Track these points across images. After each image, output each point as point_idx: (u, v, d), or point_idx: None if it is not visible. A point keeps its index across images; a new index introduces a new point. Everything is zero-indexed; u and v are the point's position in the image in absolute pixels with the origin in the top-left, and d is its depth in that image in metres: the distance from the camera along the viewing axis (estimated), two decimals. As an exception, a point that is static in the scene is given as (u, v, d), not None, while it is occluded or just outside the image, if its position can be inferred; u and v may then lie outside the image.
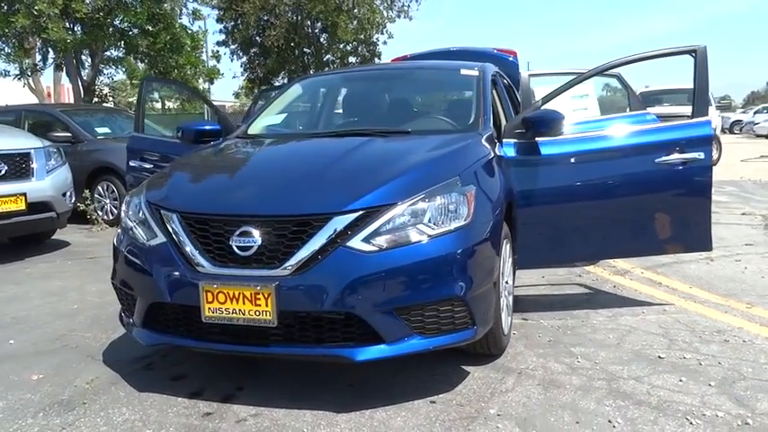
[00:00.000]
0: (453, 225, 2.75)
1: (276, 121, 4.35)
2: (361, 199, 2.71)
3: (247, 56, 25.39)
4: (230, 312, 2.68)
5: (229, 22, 24.51)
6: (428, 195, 2.76)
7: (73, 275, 5.54)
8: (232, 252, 2.72)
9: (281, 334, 2.70)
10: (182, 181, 3.20)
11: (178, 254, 2.80)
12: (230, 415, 2.76)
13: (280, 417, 2.72)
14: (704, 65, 3.86)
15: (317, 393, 2.93)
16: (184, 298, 2.79)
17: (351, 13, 22.12)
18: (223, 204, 2.85)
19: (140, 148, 4.96)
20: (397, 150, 3.31)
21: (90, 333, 3.92)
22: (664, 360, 3.23)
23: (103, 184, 8.44)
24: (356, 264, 2.62)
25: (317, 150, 3.46)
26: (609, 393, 2.87)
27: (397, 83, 4.41)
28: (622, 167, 3.79)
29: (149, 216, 3.00)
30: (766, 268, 5.04)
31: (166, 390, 3.02)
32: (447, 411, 2.73)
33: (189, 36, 16.68)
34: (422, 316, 2.70)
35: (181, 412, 2.80)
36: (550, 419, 2.64)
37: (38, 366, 3.38)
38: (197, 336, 2.83)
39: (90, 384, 3.12)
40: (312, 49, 23.45)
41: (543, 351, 3.40)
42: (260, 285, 2.63)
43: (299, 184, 2.91)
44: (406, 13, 23.07)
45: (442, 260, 2.70)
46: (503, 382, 3.02)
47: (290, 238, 2.67)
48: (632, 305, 4.18)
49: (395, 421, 2.66)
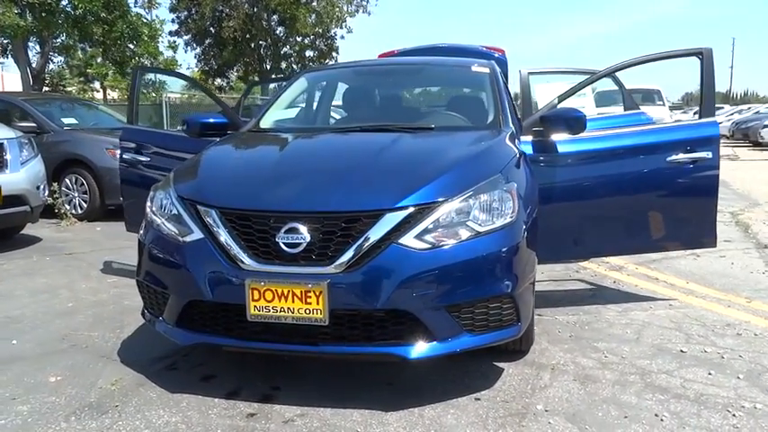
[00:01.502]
0: (500, 222, 2.75)
1: (289, 115, 4.27)
2: (411, 196, 2.68)
3: (201, 47, 24.89)
4: (278, 311, 2.61)
5: (183, 11, 23.97)
6: (475, 192, 2.76)
7: (57, 272, 5.30)
8: (278, 249, 2.65)
9: (329, 332, 2.65)
10: (215, 175, 3.09)
11: (219, 251, 2.71)
12: (275, 415, 2.69)
13: (327, 416, 2.68)
14: (710, 67, 3.98)
15: (356, 392, 2.89)
16: (227, 296, 2.71)
17: (309, 6, 21.94)
18: (268, 200, 2.77)
19: (134, 140, 4.78)
20: (433, 147, 3.30)
21: (96, 332, 3.76)
22: (687, 354, 3.33)
23: (72, 176, 8.10)
24: (409, 261, 2.59)
25: (349, 146, 3.40)
26: (645, 387, 2.93)
27: (410, 78, 4.38)
28: (637, 165, 3.87)
29: (183, 211, 2.89)
30: (752, 263, 5.26)
31: (199, 390, 2.93)
32: (495, 408, 2.74)
33: (146, 25, 16.19)
34: (472, 313, 2.69)
35: (222, 413, 2.72)
36: (598, 414, 2.68)
37: (51, 368, 3.23)
38: (239, 335, 2.75)
39: (115, 386, 3.00)
40: (269, 41, 23.13)
41: (568, 347, 3.45)
42: (311, 283, 2.57)
43: (344, 180, 2.86)
44: (365, 7, 23.05)
45: (493, 257, 2.70)
46: (539, 377, 3.05)
47: (339, 235, 2.62)
48: (638, 300, 4.29)
49: (446, 419, 2.65)
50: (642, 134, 4.02)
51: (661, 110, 15.78)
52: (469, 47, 6.50)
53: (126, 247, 6.31)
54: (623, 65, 4.16)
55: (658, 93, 17.03)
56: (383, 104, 4.19)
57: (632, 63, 4.13)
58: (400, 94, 4.26)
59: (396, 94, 4.26)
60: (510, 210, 2.79)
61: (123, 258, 5.81)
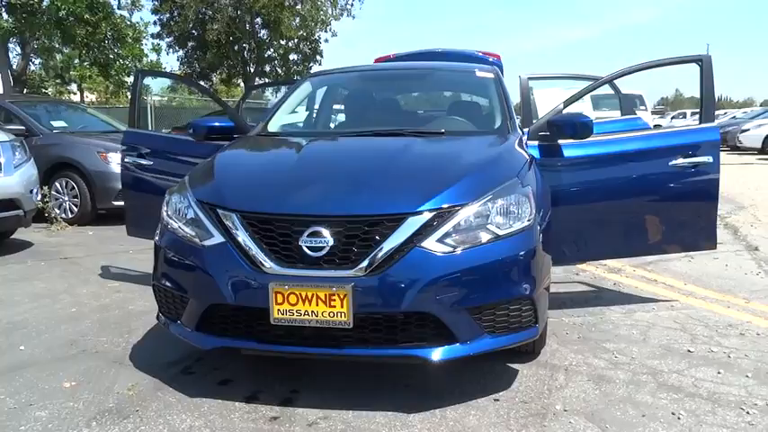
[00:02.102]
0: (518, 225, 2.79)
1: (296, 119, 4.28)
2: (432, 200, 2.71)
3: (184, 50, 24.72)
4: (302, 314, 2.63)
5: (165, 14, 23.80)
6: (494, 196, 2.80)
7: (54, 277, 5.25)
8: (300, 252, 2.66)
9: (352, 335, 2.67)
10: (234, 179, 3.09)
11: (241, 254, 2.72)
12: (298, 418, 2.71)
13: (350, 419, 2.69)
14: (710, 73, 4.06)
15: (376, 395, 2.91)
16: (250, 299, 2.71)
17: (294, 9, 21.91)
18: (290, 204, 2.78)
19: (136, 143, 4.76)
20: (448, 151, 3.34)
21: (104, 337, 3.74)
22: (694, 354, 3.40)
23: (62, 180, 8.01)
24: (432, 264, 2.62)
25: (364, 150, 3.42)
26: (659, 387, 2.99)
27: (416, 83, 4.42)
28: (640, 169, 3.94)
29: (203, 215, 2.90)
30: (745, 265, 5.37)
31: (218, 395, 2.93)
32: (515, 409, 2.77)
33: (130, 27, 16.06)
34: (493, 315, 2.73)
35: (245, 417, 2.72)
36: (616, 413, 2.73)
37: (64, 373, 3.20)
38: (261, 338, 2.75)
39: (132, 391, 2.99)
40: (253, 44, 23.05)
41: (578, 347, 3.50)
42: (335, 286, 2.59)
43: (365, 183, 2.88)
44: (349, 11, 23.09)
45: (513, 260, 2.74)
46: (553, 378, 3.10)
47: (362, 238, 2.65)
48: (640, 302, 4.36)
49: (468, 420, 2.68)
50: (645, 139, 4.10)
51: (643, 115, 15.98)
52: (465, 52, 6.55)
53: (121, 252, 6.28)
54: (626, 71, 4.23)
55: (640, 98, 17.26)
56: (391, 109, 4.22)
57: (634, 69, 4.20)
58: (407, 98, 4.29)
59: (403, 99, 4.29)
60: (527, 213, 2.84)
61: (120, 263, 5.77)
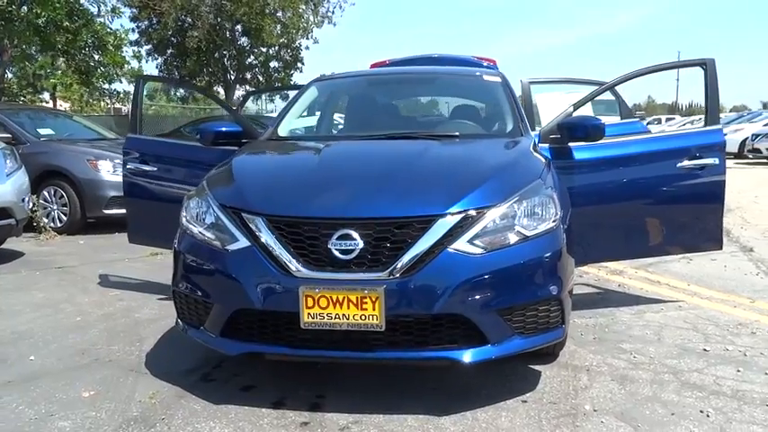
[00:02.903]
0: (544, 226, 2.80)
1: (307, 123, 4.26)
2: (461, 201, 2.71)
3: (163, 57, 24.49)
4: (333, 318, 2.60)
5: (144, 21, 23.56)
6: (521, 197, 2.81)
7: (52, 287, 5.14)
8: (330, 255, 2.64)
9: (383, 338, 2.65)
10: (257, 183, 3.06)
11: (268, 258, 2.69)
12: (329, 423, 2.68)
13: (382, 423, 2.67)
14: (714, 76, 4.13)
15: (404, 398, 2.90)
16: (279, 304, 2.68)
17: (275, 16, 21.85)
18: (317, 207, 2.76)
19: (139, 149, 4.69)
20: (467, 154, 3.34)
21: (115, 346, 3.67)
22: (710, 353, 3.44)
23: (50, 189, 7.86)
24: (463, 266, 2.62)
25: (383, 153, 3.40)
26: (682, 386, 3.02)
27: (424, 87, 4.42)
28: (649, 171, 3.99)
29: (226, 219, 2.86)
30: (743, 266, 5.46)
31: (243, 401, 2.89)
32: (544, 410, 2.78)
33: (111, 34, 15.87)
34: (523, 316, 2.73)
35: (274, 423, 2.69)
36: (645, 413, 2.75)
37: (80, 383, 3.13)
38: (290, 343, 2.72)
39: (154, 399, 2.93)
40: (233, 52, 22.92)
41: (595, 348, 3.52)
42: (367, 289, 2.57)
43: (392, 186, 2.86)
44: (330, 18, 23.09)
45: (541, 261, 2.75)
46: (577, 379, 3.11)
47: (392, 240, 2.63)
48: (647, 303, 4.41)
49: (500, 422, 2.68)
50: (653, 141, 4.15)
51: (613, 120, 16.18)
52: (462, 57, 6.58)
53: (116, 260, 6.19)
54: (631, 75, 4.28)
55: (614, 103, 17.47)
56: (400, 112, 4.22)
57: (639, 74, 4.26)
58: (416, 102, 4.30)
59: (411, 103, 4.29)
60: (552, 214, 2.85)
61: (118, 271, 5.68)
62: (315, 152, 3.44)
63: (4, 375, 3.25)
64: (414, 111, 4.24)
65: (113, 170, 7.81)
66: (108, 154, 7.97)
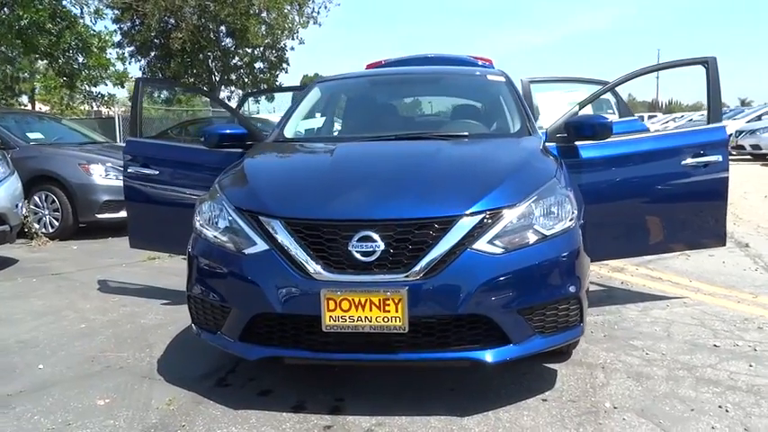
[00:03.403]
0: (562, 225, 2.81)
1: (311, 125, 4.24)
2: (481, 201, 2.71)
3: (146, 59, 24.32)
4: (355, 320, 2.59)
5: (126, 22, 23.38)
6: (538, 197, 2.81)
7: (51, 293, 5.07)
8: (351, 258, 2.63)
9: (405, 340, 2.64)
10: (272, 185, 3.03)
11: (287, 261, 2.67)
12: (352, 426, 2.67)
13: (405, 424, 2.67)
14: (716, 74, 4.17)
15: (424, 400, 2.89)
16: (299, 307, 2.67)
17: (260, 17, 21.77)
18: (336, 209, 2.74)
19: (140, 153, 4.63)
20: (481, 154, 3.35)
21: (125, 353, 3.62)
22: (721, 348, 3.47)
23: (41, 194, 7.75)
24: (485, 266, 2.62)
25: (396, 154, 3.39)
26: (698, 382, 3.04)
27: (429, 87, 4.42)
28: (655, 169, 4.02)
29: (243, 223, 2.83)
30: (741, 261, 5.53)
31: (262, 406, 2.87)
32: (565, 408, 2.79)
33: (95, 36, 15.68)
34: (543, 315, 2.74)
35: (297, 427, 2.67)
36: (665, 409, 2.77)
37: (94, 391, 3.09)
38: (311, 347, 2.71)
39: (171, 405, 2.90)
40: (218, 53, 22.80)
41: (607, 346, 3.54)
42: (390, 291, 2.56)
43: (410, 187, 2.86)
44: (315, 19, 23.05)
45: (561, 260, 2.76)
46: (593, 377, 3.13)
47: (413, 242, 2.63)
48: (652, 299, 4.44)
49: (523, 421, 2.68)
50: (658, 139, 4.19)
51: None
52: (458, 57, 6.59)
53: (113, 266, 6.12)
54: (634, 74, 4.31)
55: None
56: (406, 113, 4.22)
57: (642, 72, 4.30)
58: (421, 102, 4.29)
59: (417, 104, 4.29)
60: (569, 213, 2.86)
61: (116, 277, 5.62)
62: (327, 154, 3.43)
63: (15, 385, 3.20)
64: (419, 111, 4.23)
65: (106, 174, 7.75)
66: (100, 158, 7.89)
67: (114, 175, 7.74)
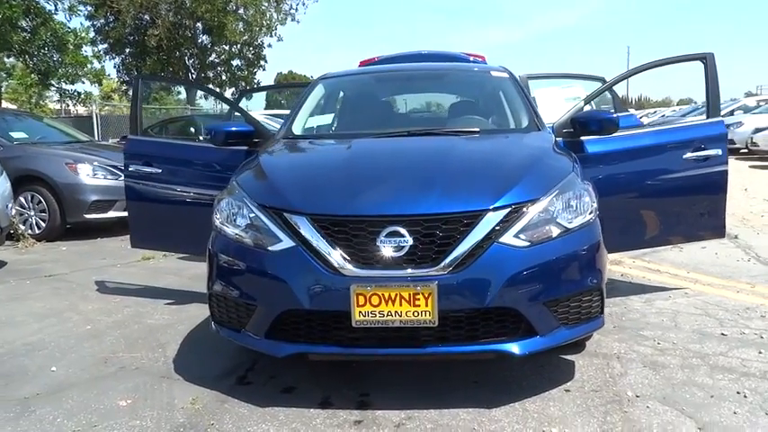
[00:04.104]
0: (583, 219, 2.86)
1: (323, 121, 4.23)
2: (506, 195, 2.74)
3: (121, 56, 23.95)
4: (385, 315, 2.60)
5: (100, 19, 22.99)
6: (560, 191, 2.86)
7: (48, 295, 4.99)
8: (378, 253, 2.64)
9: (433, 334, 2.67)
10: (295, 182, 3.02)
11: (315, 258, 2.67)
12: (383, 420, 2.68)
13: (435, 417, 2.69)
14: (714, 70, 4.27)
15: (449, 393, 2.92)
16: (328, 303, 2.67)
17: (237, 14, 21.59)
18: (363, 205, 2.75)
19: (141, 151, 4.58)
20: (497, 149, 3.38)
21: (137, 353, 3.59)
22: (729, 336, 3.56)
23: (27, 194, 7.60)
24: (512, 259, 2.66)
25: (413, 149, 3.40)
26: (712, 369, 3.12)
27: (433, 84, 4.44)
28: (657, 163, 4.09)
29: (267, 220, 2.83)
30: (733, 253, 5.66)
31: (288, 403, 2.87)
32: (589, 397, 2.84)
33: (71, 33, 15.40)
34: (568, 307, 2.78)
35: (327, 423, 2.68)
36: (685, 396, 2.83)
37: (113, 392, 3.06)
38: (339, 342, 2.71)
39: (196, 405, 2.89)
40: (195, 50, 22.55)
41: (618, 336, 3.61)
42: (420, 285, 2.58)
43: (433, 182, 2.87)
44: (293, 16, 22.93)
45: (584, 252, 2.81)
46: (611, 367, 3.18)
47: (441, 236, 2.65)
48: (654, 291, 4.53)
49: (551, 411, 2.72)
50: (660, 134, 4.26)
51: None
52: (452, 53, 6.62)
53: (107, 266, 6.04)
54: (633, 71, 4.40)
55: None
56: (414, 109, 4.24)
57: (641, 69, 4.37)
58: (428, 99, 4.31)
59: (424, 99, 4.31)
60: (589, 206, 2.91)
61: (113, 277, 5.55)
62: (343, 150, 3.42)
63: (30, 387, 3.15)
64: (427, 107, 4.25)
65: (94, 174, 7.64)
66: (87, 157, 7.78)
67: (102, 174, 7.66)
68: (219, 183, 4.27)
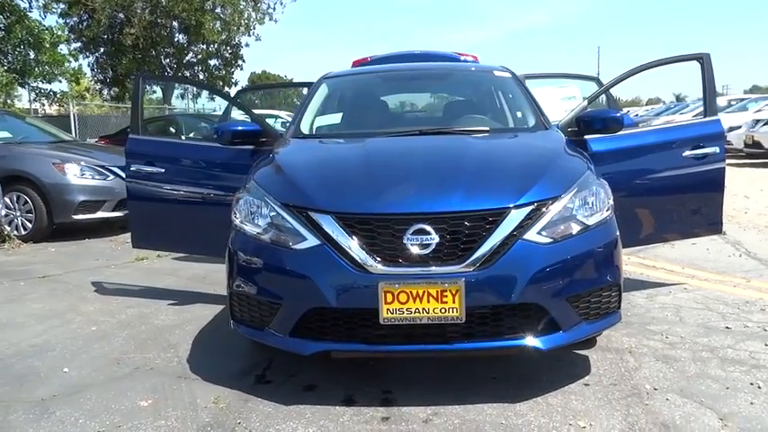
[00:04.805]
0: (601, 215, 2.92)
1: (330, 121, 4.23)
2: (529, 193, 2.79)
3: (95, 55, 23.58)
4: (412, 312, 2.63)
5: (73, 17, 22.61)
6: (579, 188, 2.91)
7: (46, 297, 4.91)
8: (405, 251, 2.67)
9: (459, 330, 2.70)
10: (317, 180, 3.02)
11: (341, 256, 2.69)
12: (410, 417, 2.70)
13: (461, 413, 2.72)
14: (710, 70, 4.37)
15: (470, 388, 2.95)
16: (356, 301, 2.69)
17: (214, 13, 21.40)
18: (388, 204, 2.77)
19: (142, 151, 4.53)
20: (512, 147, 3.43)
21: (149, 353, 3.56)
22: (733, 330, 3.65)
23: (13, 195, 7.46)
24: (536, 256, 2.70)
25: (429, 148, 3.42)
26: (723, 362, 3.20)
27: (437, 83, 4.47)
28: (659, 161, 4.18)
29: (291, 219, 2.83)
30: (723, 248, 5.80)
31: (312, 401, 2.88)
32: (609, 391, 2.89)
33: (47, 31, 15.13)
34: (588, 303, 2.84)
35: (355, 420, 2.70)
36: (701, 388, 2.90)
37: (131, 392, 3.04)
38: (365, 339, 2.73)
39: (219, 404, 2.88)
40: (172, 49, 22.29)
41: (626, 331, 3.67)
42: (447, 282, 2.61)
43: (455, 180, 2.90)
44: (271, 15, 22.80)
45: (602, 248, 2.87)
46: (624, 361, 3.25)
47: (466, 234, 2.68)
48: (654, 287, 4.62)
49: (574, 404, 2.77)
50: (660, 133, 4.37)
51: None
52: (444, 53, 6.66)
53: (101, 267, 5.97)
54: (632, 72, 4.46)
55: None
56: (422, 109, 4.27)
57: (639, 70, 4.44)
58: (434, 99, 4.34)
59: (430, 99, 4.34)
60: (606, 203, 2.97)
61: (108, 278, 5.48)
62: (359, 149, 3.42)
63: (45, 389, 3.11)
64: (433, 106, 4.28)
65: (81, 174, 7.52)
66: (75, 156, 7.66)
67: (90, 174, 7.55)
68: (224, 182, 4.27)
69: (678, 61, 4.51)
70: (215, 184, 4.32)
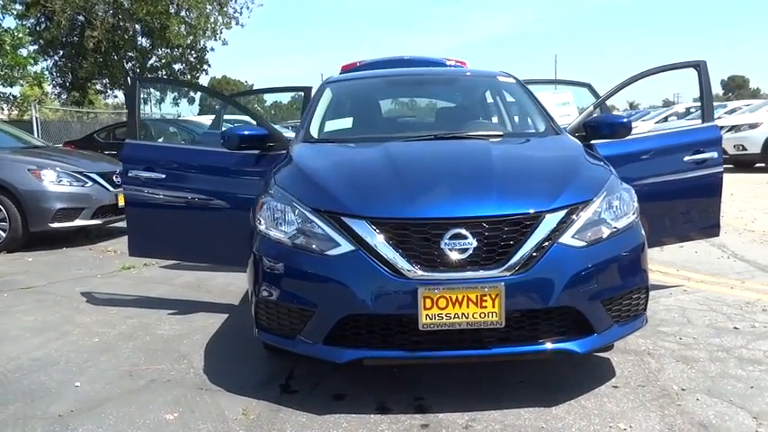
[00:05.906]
0: (629, 219, 2.96)
1: (340, 125, 4.18)
2: (561, 197, 2.80)
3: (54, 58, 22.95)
4: (452, 317, 2.61)
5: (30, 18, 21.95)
6: (607, 192, 2.94)
7: (36, 309, 4.72)
8: (442, 256, 2.65)
9: (497, 335, 2.69)
10: (347, 185, 2.95)
11: (377, 262, 2.65)
12: (449, 423, 2.68)
13: (500, 418, 2.71)
14: (707, 77, 4.48)
15: (499, 393, 2.94)
16: (395, 307, 2.65)
17: (180, 16, 21.06)
18: (424, 208, 2.74)
19: (140, 156, 4.41)
20: (535, 152, 3.44)
21: (162, 365, 3.45)
22: (742, 330, 3.73)
23: (-15, 203, 7.17)
24: (572, 259, 2.71)
25: (453, 152, 3.39)
26: (740, 361, 3.26)
27: (442, 88, 4.47)
28: (662, 165, 4.27)
29: (323, 224, 2.78)
30: (711, 251, 5.94)
31: (345, 409, 2.83)
32: (640, 393, 2.92)
33: (8, 33, 14.66)
34: (620, 305, 2.87)
35: (394, 428, 2.66)
36: (727, 388, 2.95)
37: (153, 405, 2.94)
38: (402, 346, 2.69)
39: (249, 415, 2.81)
40: (136, 53, 21.84)
41: (640, 333, 3.64)
42: (487, 287, 2.60)
43: (488, 184, 2.89)
44: (238, 20, 22.55)
45: (632, 251, 2.90)
46: (646, 363, 3.28)
47: (503, 238, 2.68)
48: (654, 289, 4.62)
49: (608, 407, 2.79)
50: (662, 138, 4.46)
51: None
52: (433, 59, 6.69)
53: (87, 277, 5.79)
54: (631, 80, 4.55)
55: None
56: (431, 113, 4.25)
57: (637, 78, 4.53)
58: (442, 103, 4.34)
59: (439, 104, 4.34)
60: (632, 207, 3.01)
61: (97, 288, 5.31)
62: (380, 153, 3.37)
63: (60, 405, 2.98)
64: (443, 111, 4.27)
65: (58, 180, 7.27)
66: (51, 163, 7.41)
67: (68, 181, 7.31)
68: (229, 188, 4.20)
69: (676, 68, 4.61)
70: (219, 190, 4.23)
